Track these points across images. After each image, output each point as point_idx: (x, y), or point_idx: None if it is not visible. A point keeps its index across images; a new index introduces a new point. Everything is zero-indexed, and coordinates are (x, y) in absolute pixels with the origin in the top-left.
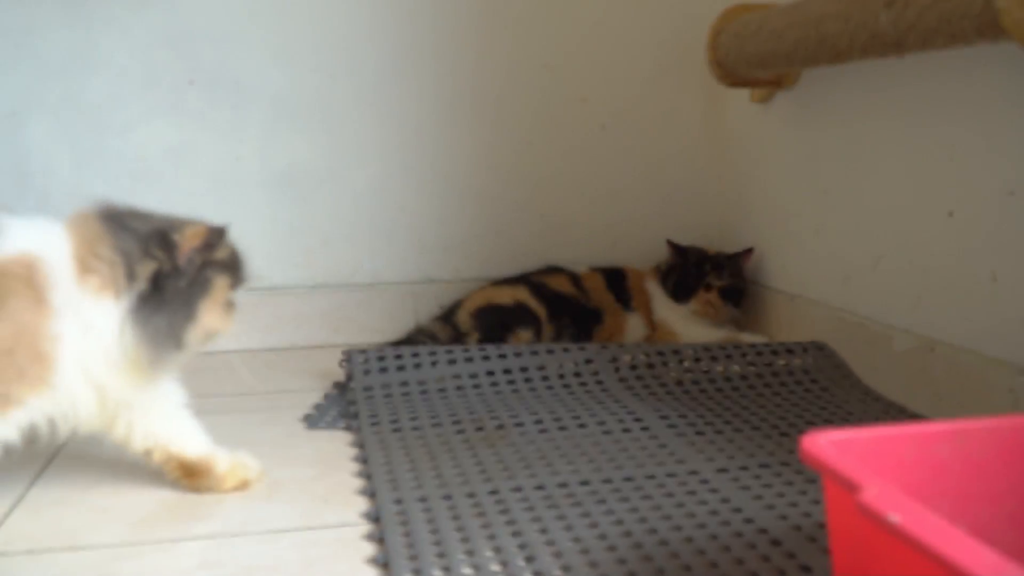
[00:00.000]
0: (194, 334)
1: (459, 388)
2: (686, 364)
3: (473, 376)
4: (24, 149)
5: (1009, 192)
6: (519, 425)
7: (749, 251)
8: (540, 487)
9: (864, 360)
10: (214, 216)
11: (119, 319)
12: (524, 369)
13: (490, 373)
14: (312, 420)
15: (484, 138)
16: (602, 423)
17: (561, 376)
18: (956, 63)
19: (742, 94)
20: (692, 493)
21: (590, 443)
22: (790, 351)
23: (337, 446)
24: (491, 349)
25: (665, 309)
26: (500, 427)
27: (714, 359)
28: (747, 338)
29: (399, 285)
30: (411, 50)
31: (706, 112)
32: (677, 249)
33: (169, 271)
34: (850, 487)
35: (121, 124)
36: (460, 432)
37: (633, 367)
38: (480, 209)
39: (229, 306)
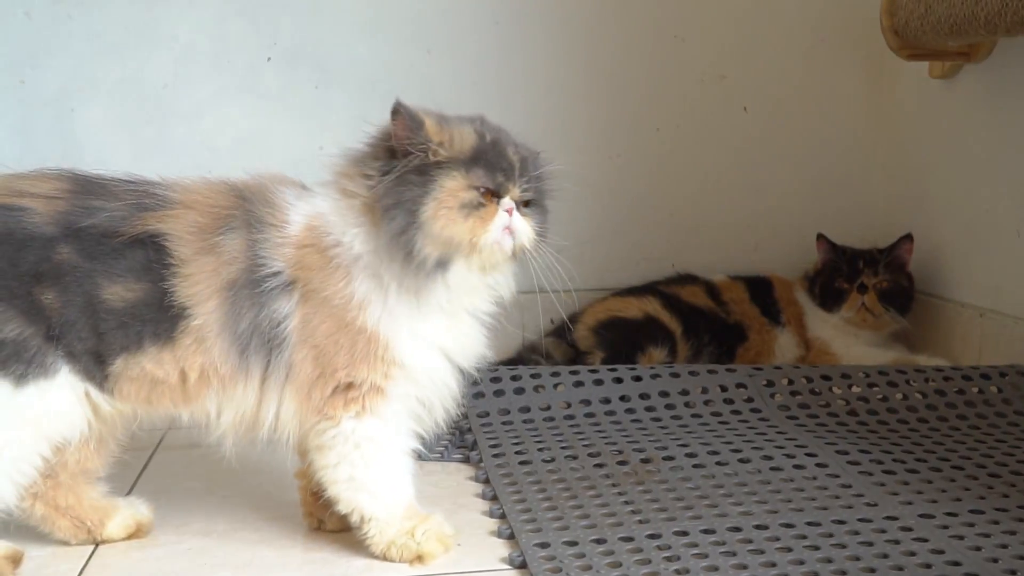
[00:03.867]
0: (425, 244)
1: (589, 415)
2: (857, 389)
3: (605, 401)
4: (76, 137)
5: None
6: (668, 459)
7: (908, 239)
8: (709, 531)
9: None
10: None
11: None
12: (664, 394)
13: (624, 398)
14: (420, 450)
15: (602, 122)
16: (768, 458)
17: (708, 402)
18: None
19: (918, 68)
20: (895, 543)
21: (757, 481)
22: (985, 376)
23: (457, 480)
24: (623, 370)
25: (820, 324)
26: (646, 460)
27: (891, 384)
28: (925, 361)
29: None
30: (520, 21)
31: (871, 90)
32: (830, 245)
33: (387, 171)
34: None
35: (187, 109)
36: (600, 466)
37: (794, 392)
38: (597, 206)
39: (470, 207)
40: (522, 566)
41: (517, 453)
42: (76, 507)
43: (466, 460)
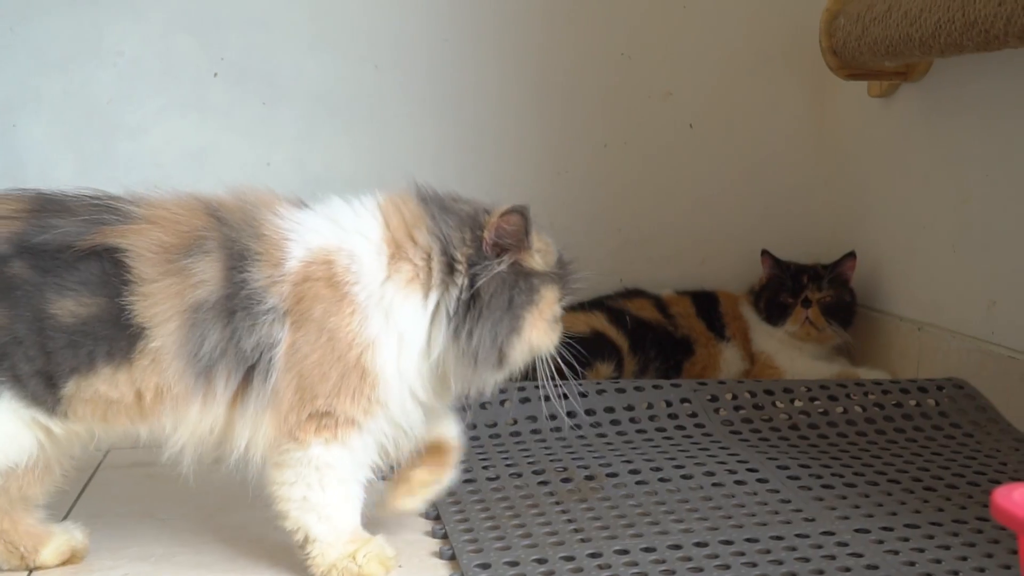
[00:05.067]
0: (519, 353)
1: (535, 432)
2: (799, 404)
3: (551, 417)
4: (18, 153)
5: None
6: (612, 475)
7: (851, 256)
8: (649, 549)
9: (1015, 401)
10: None
11: (427, 323)
12: (609, 409)
13: (571, 414)
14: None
15: (552, 139)
16: (710, 473)
17: (652, 418)
18: None
19: (858, 87)
20: (831, 558)
21: (699, 497)
22: (922, 389)
23: None
24: (569, 386)
25: (765, 338)
26: (590, 478)
27: (832, 398)
28: (866, 374)
29: None
30: (469, 38)
31: (813, 108)
32: (774, 261)
33: (476, 261)
34: None
35: (133, 124)
36: (544, 483)
37: (737, 407)
38: (547, 221)
39: (556, 322)
40: None
41: (463, 472)
42: (11, 532)
43: None
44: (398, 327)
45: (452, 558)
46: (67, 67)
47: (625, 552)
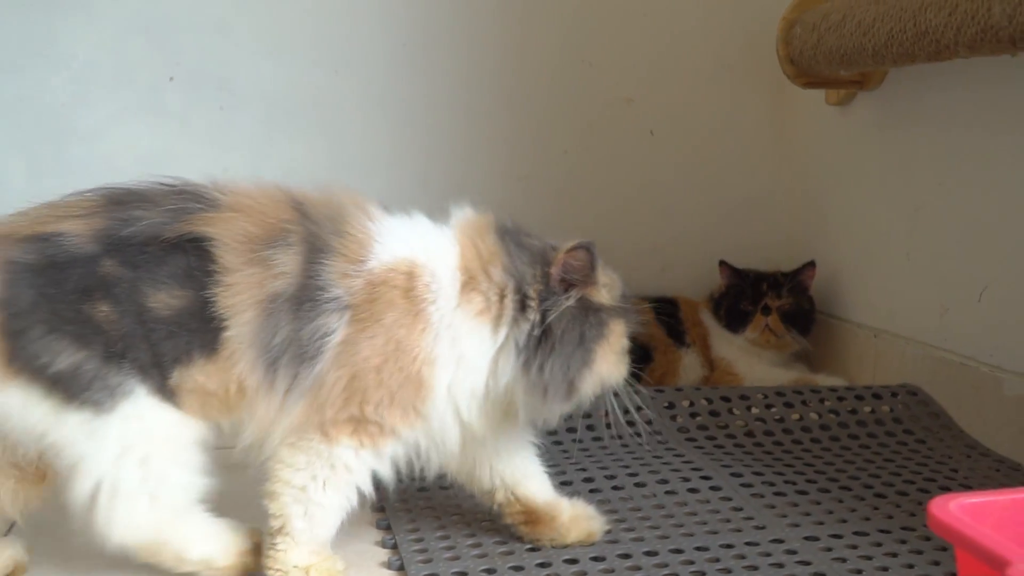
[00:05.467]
0: (590, 385)
1: None
2: (755, 411)
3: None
4: None
5: None
6: (566, 484)
7: (811, 265)
8: (599, 558)
9: (967, 407)
10: None
11: (493, 353)
12: (567, 417)
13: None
14: None
15: (512, 144)
16: (664, 481)
17: (608, 425)
18: None
19: (816, 95)
20: (779, 566)
21: (652, 505)
22: (877, 396)
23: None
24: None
25: (725, 345)
26: None
27: (788, 405)
28: (823, 380)
29: None
30: (428, 42)
31: (773, 116)
32: (731, 271)
33: (546, 297)
34: (996, 563)
35: (87, 128)
36: None
37: (694, 414)
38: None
39: (624, 354)
40: None
41: (416, 479)
42: None
43: None
44: (461, 353)
45: (401, 568)
46: (19, 70)
47: (575, 562)
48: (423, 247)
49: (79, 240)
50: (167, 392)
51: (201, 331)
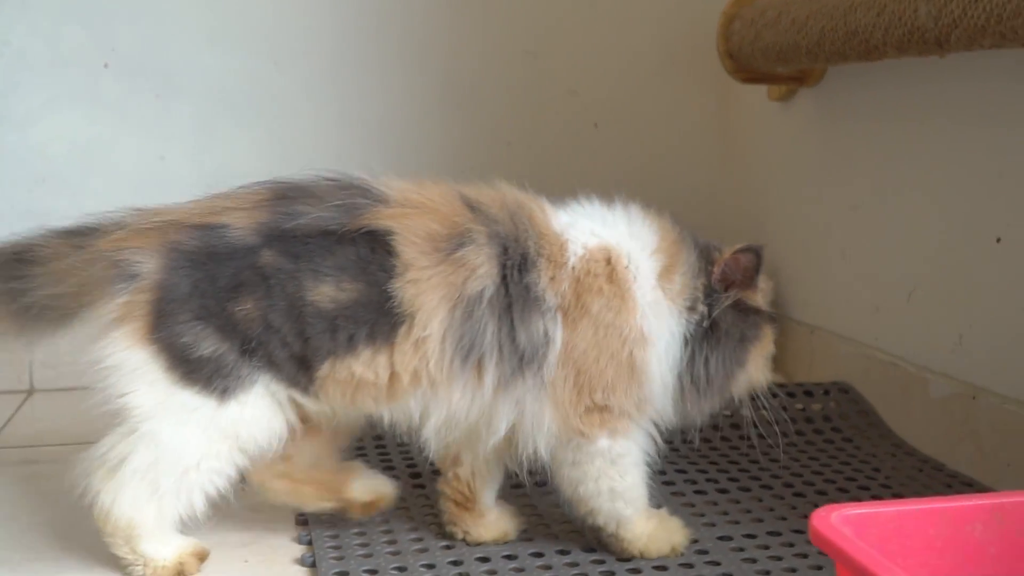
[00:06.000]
0: (740, 385)
1: None
2: None
3: None
4: None
5: None
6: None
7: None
8: (511, 556)
9: (895, 406)
10: None
11: (680, 338)
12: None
13: None
14: None
15: (456, 137)
16: None
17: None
18: (1007, 64)
19: (760, 91)
20: (689, 566)
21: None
22: (808, 393)
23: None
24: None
25: None
26: None
27: None
28: None
29: None
30: (371, 33)
31: (717, 110)
32: None
33: (709, 293)
34: None
35: (19, 116)
36: (419, 487)
37: None
38: None
39: (769, 359)
40: None
41: None
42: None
43: None
44: (663, 335)
45: (313, 565)
46: None
47: (486, 560)
48: (612, 232)
49: (241, 232)
50: (302, 384)
51: (371, 323)
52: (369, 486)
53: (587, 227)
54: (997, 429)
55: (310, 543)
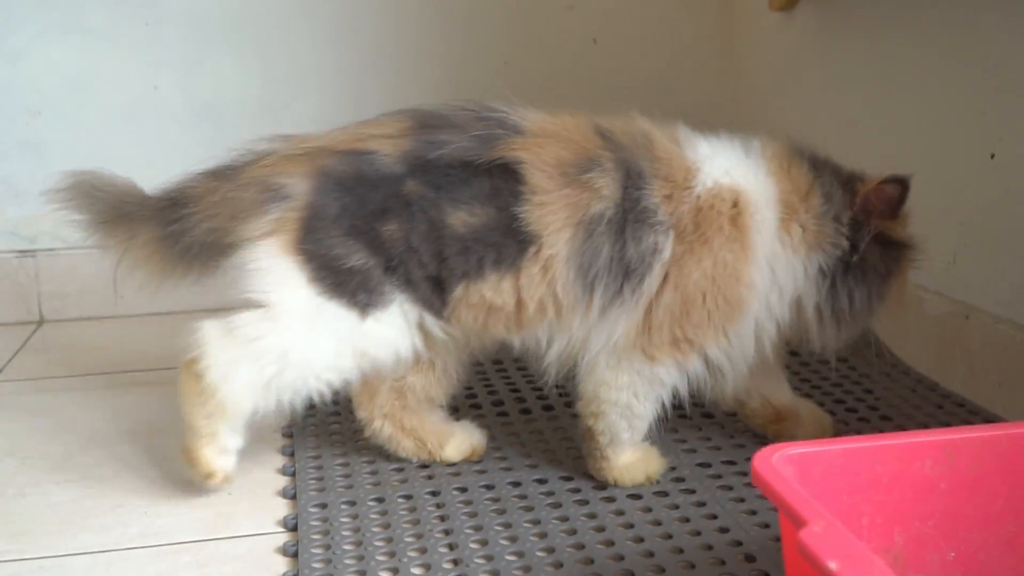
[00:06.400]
0: (879, 317)
1: None
2: None
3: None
4: None
5: None
6: (476, 407)
7: None
8: (489, 486)
9: (891, 325)
10: (126, 157)
11: (803, 280)
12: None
13: None
14: None
15: (451, 57)
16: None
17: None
18: None
19: (760, 1)
20: (663, 494)
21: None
22: None
23: (266, 434)
24: None
25: None
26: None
27: None
28: None
29: None
30: None
31: (718, 22)
32: None
33: (854, 224)
34: (794, 520)
35: (10, 49)
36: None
37: None
38: None
39: (904, 293)
40: (294, 529)
41: (332, 403)
42: (419, 429)
43: None
44: (776, 282)
45: (294, 497)
46: None
47: (464, 490)
48: (744, 176)
49: (388, 160)
50: (437, 306)
51: (499, 247)
52: (462, 445)
53: (723, 164)
54: (989, 349)
55: (294, 474)
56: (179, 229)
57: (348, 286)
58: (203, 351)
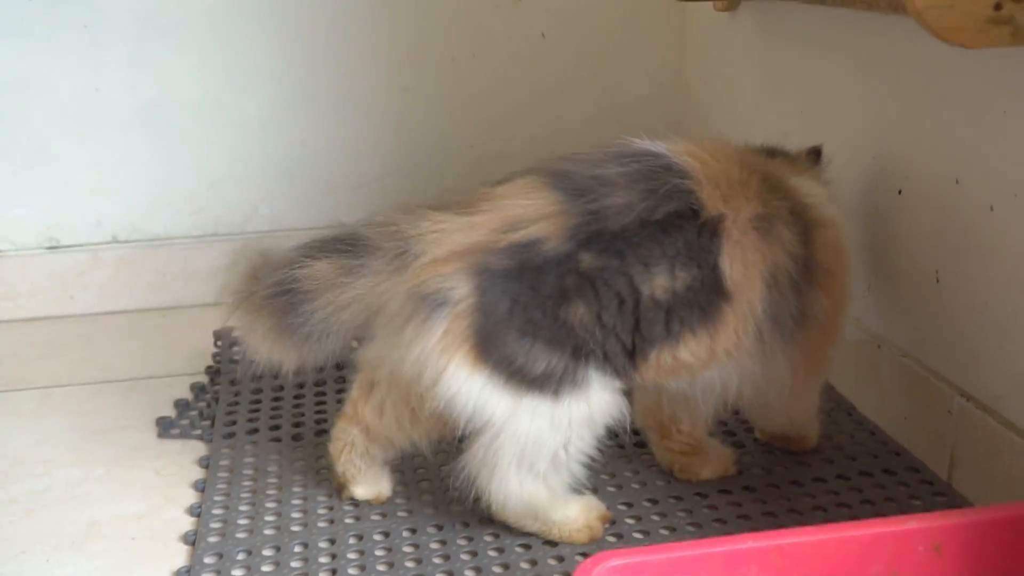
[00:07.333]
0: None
1: (340, 381)
2: None
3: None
4: None
5: (954, 180)
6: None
7: None
8: (412, 530)
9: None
10: (69, 159)
11: None
12: None
13: None
14: (165, 425)
15: (399, 53)
16: None
17: None
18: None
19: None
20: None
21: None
22: None
23: (184, 465)
24: None
25: None
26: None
27: None
28: None
29: (303, 232)
30: None
31: (668, 20)
32: None
33: None
34: None
35: None
36: (320, 433)
37: None
38: (397, 140)
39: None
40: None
41: (250, 433)
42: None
43: (202, 438)
44: None
45: (194, 544)
46: None
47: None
48: (823, 198)
49: (554, 244)
50: (627, 373)
51: (699, 307)
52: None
53: (816, 192)
54: (897, 380)
55: (200, 515)
56: (296, 322)
57: (535, 384)
58: (472, 489)
